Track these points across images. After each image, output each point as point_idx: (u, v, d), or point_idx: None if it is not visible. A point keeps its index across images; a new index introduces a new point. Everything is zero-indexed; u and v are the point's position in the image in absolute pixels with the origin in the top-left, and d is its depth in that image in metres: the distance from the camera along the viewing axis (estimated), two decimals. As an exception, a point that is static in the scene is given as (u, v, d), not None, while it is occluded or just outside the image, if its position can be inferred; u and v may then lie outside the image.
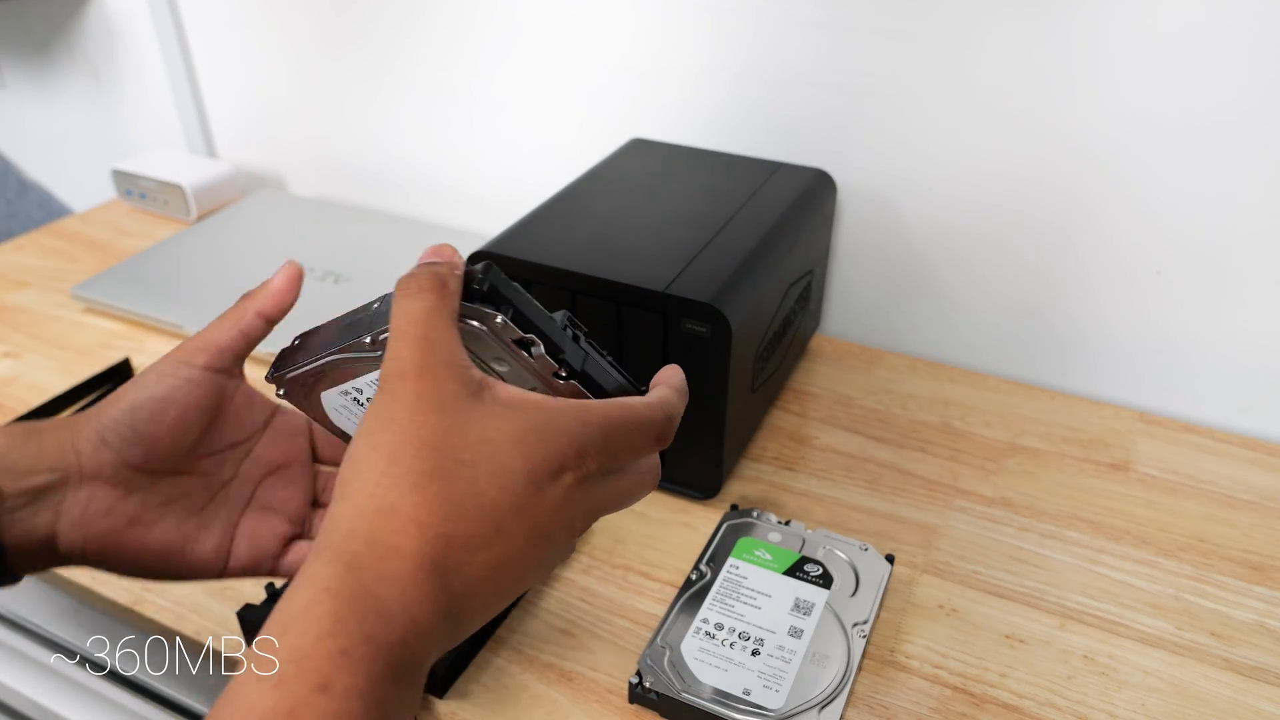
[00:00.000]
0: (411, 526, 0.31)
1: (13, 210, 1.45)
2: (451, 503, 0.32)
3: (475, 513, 0.32)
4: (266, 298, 0.47)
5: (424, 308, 0.36)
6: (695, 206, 0.70)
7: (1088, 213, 0.76)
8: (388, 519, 0.32)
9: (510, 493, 0.33)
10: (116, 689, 0.71)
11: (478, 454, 0.33)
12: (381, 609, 0.30)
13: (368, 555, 0.31)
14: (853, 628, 0.55)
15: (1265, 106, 0.67)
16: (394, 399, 0.34)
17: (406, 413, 0.33)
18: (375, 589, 0.30)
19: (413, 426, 0.33)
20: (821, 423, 0.76)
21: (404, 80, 1.00)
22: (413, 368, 0.34)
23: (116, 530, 0.43)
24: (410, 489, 0.32)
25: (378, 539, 0.31)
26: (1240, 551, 0.64)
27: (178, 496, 0.45)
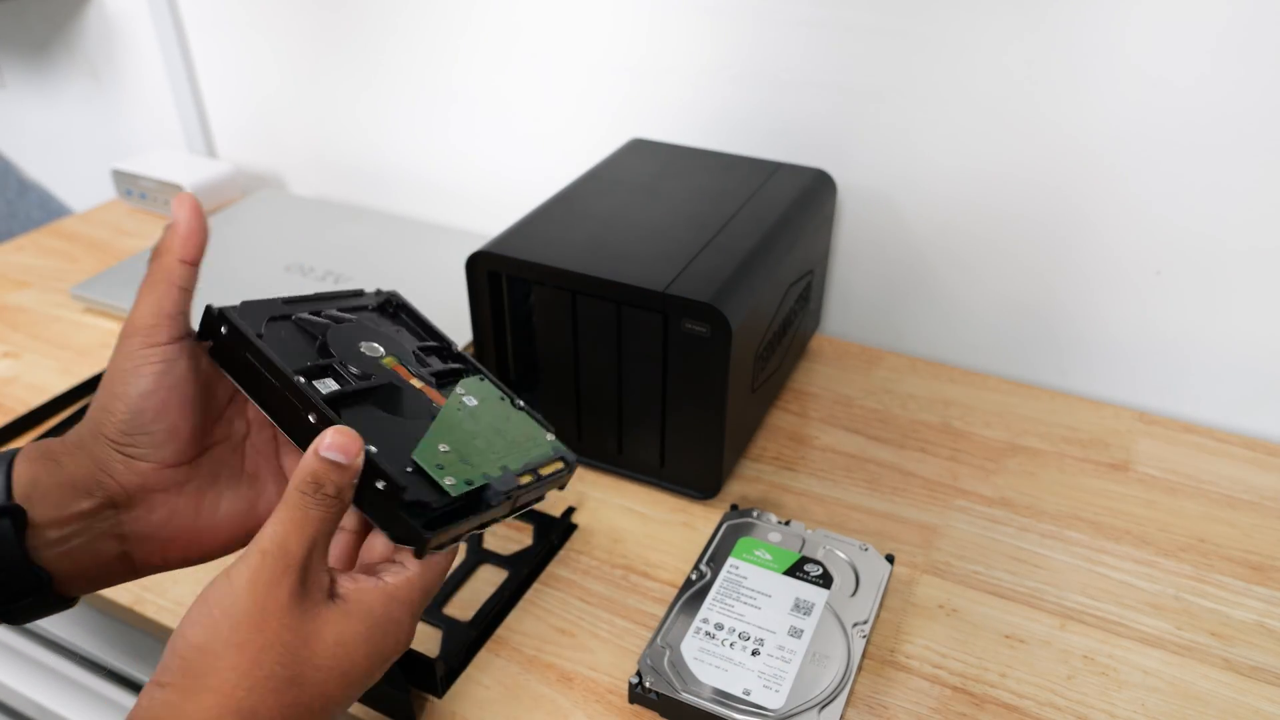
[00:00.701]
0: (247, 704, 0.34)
1: (13, 210, 1.45)
2: (301, 706, 0.36)
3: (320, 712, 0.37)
4: (182, 242, 0.44)
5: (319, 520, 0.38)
6: (695, 206, 0.70)
7: (1088, 213, 0.76)
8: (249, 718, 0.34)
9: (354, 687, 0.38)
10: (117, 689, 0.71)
11: (333, 659, 0.37)
12: None
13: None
14: (853, 628, 0.55)
15: (1264, 106, 0.67)
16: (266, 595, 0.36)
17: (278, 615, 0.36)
18: None
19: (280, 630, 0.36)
20: (821, 423, 0.76)
21: (404, 80, 1.00)
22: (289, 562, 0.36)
23: (187, 528, 0.43)
24: (271, 695, 0.35)
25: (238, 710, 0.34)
26: (1240, 551, 0.64)
27: (219, 470, 0.45)
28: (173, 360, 0.42)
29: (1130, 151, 0.72)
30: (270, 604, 0.36)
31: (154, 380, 0.41)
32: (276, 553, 0.36)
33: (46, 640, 0.74)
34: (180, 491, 0.43)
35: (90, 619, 0.70)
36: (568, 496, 0.68)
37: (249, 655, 0.35)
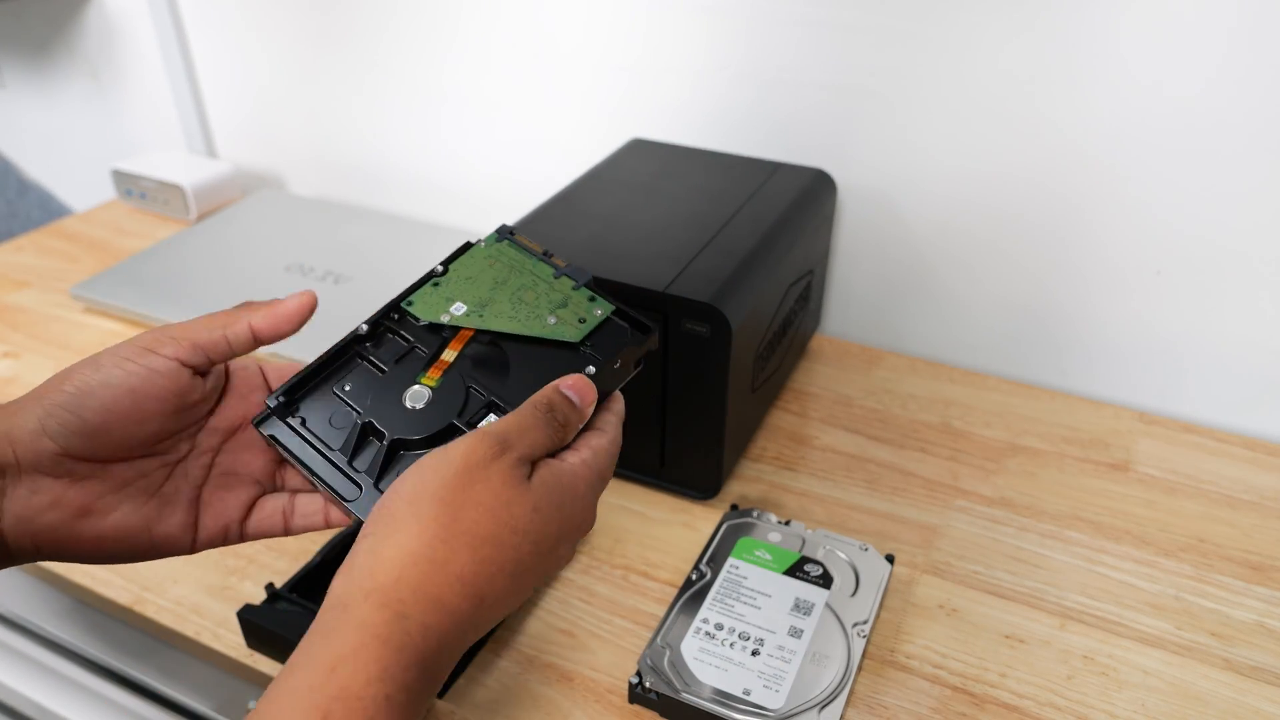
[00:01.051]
0: (457, 584, 0.34)
1: (13, 210, 1.45)
2: (495, 566, 0.35)
3: (511, 576, 0.36)
4: (267, 318, 0.43)
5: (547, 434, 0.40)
6: (695, 206, 0.70)
7: (1088, 213, 0.76)
8: (438, 572, 0.34)
9: (544, 557, 0.37)
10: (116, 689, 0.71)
11: (530, 524, 0.36)
12: (423, 662, 0.33)
13: (414, 605, 0.33)
14: (853, 628, 0.55)
15: (1264, 106, 0.67)
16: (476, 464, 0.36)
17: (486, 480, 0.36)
18: (420, 643, 0.33)
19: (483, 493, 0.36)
20: (821, 423, 0.75)
21: (404, 80, 1.00)
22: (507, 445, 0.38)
23: (66, 523, 0.40)
24: (465, 549, 0.35)
25: (424, 590, 0.33)
26: (1240, 551, 0.64)
27: (133, 479, 0.42)
28: (160, 374, 0.41)
29: (1130, 152, 0.72)
30: (478, 472, 0.36)
31: (124, 378, 0.40)
32: (496, 438, 0.37)
33: (46, 640, 0.74)
34: (73, 485, 0.40)
35: (90, 619, 0.70)
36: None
37: (450, 510, 0.35)
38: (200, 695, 0.68)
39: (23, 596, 0.75)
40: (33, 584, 0.72)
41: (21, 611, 0.76)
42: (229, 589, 0.60)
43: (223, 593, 0.60)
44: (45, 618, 0.74)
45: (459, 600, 0.34)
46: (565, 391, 0.41)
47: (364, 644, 0.32)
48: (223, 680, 0.64)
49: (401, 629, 0.33)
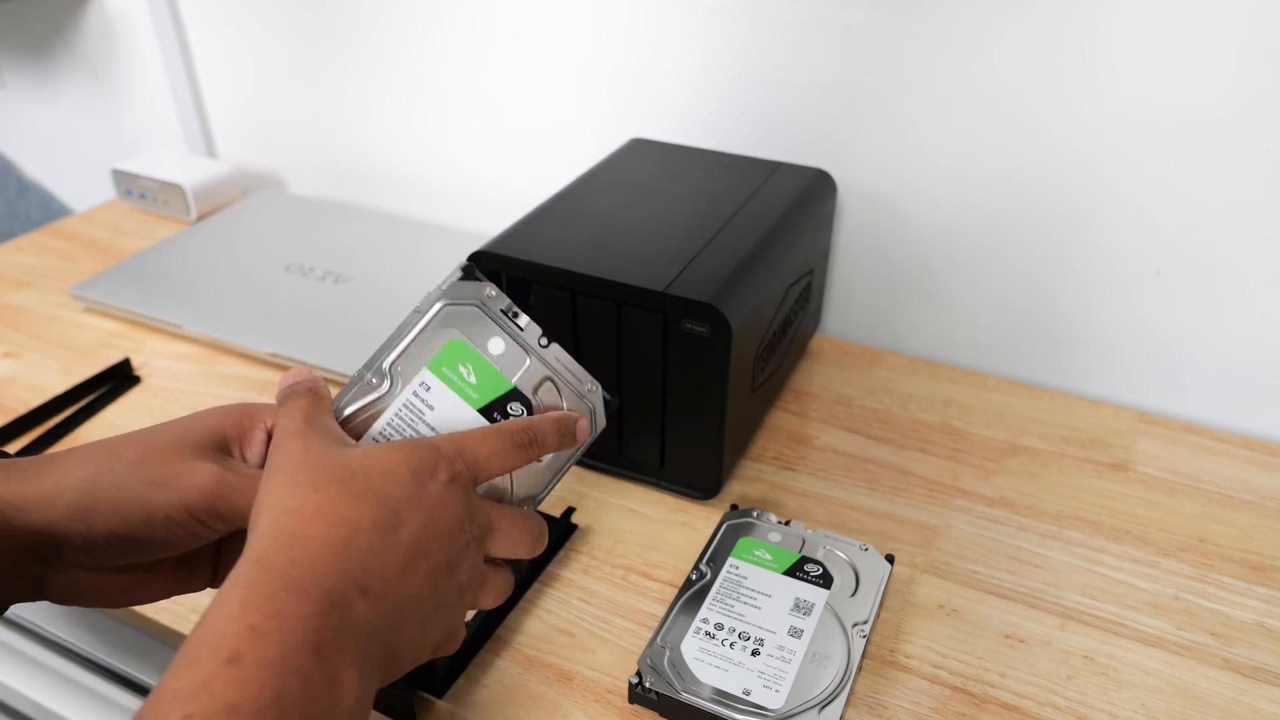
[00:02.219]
0: (317, 518, 0.35)
1: (13, 210, 1.45)
2: (351, 494, 0.36)
3: (373, 501, 0.36)
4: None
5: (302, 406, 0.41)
6: (695, 206, 0.70)
7: (1088, 213, 0.76)
8: (293, 517, 0.35)
9: (400, 485, 0.37)
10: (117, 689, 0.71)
11: (364, 463, 0.38)
12: (292, 585, 0.32)
13: (275, 546, 0.34)
14: (853, 628, 0.55)
15: (1263, 106, 0.67)
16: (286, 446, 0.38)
17: (299, 449, 0.38)
18: (285, 570, 0.33)
19: (304, 455, 0.38)
20: (821, 423, 0.75)
21: (404, 80, 1.00)
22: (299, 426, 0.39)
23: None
24: (310, 491, 0.36)
25: (285, 532, 0.34)
26: (1240, 551, 0.64)
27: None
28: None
29: (1131, 152, 0.72)
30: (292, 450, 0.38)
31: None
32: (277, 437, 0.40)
33: (46, 640, 0.74)
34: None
35: (90, 619, 0.70)
36: (567, 496, 0.68)
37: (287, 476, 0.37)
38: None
39: (23, 596, 0.75)
40: (33, 584, 0.72)
41: (22, 611, 0.76)
42: (229, 589, 0.60)
43: (223, 593, 0.60)
44: (45, 618, 0.74)
45: (323, 528, 0.34)
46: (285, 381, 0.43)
47: (228, 590, 0.33)
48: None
49: (263, 570, 0.33)
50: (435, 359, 0.46)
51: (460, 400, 0.46)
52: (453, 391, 0.46)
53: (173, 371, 0.82)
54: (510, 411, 0.46)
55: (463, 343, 0.46)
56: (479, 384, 0.46)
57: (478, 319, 0.46)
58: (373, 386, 0.45)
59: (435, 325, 0.46)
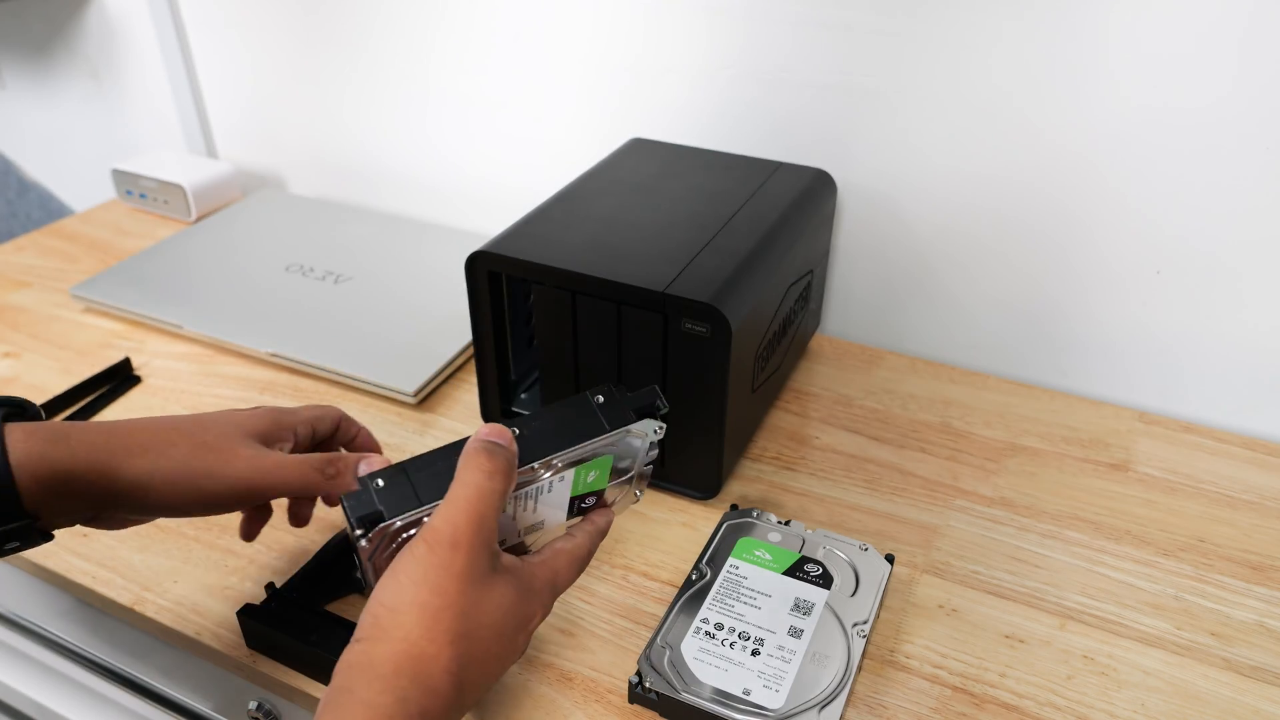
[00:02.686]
0: (446, 675, 0.40)
1: (13, 210, 1.45)
2: (470, 656, 0.41)
3: (481, 659, 0.42)
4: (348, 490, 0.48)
5: (492, 489, 0.43)
6: (695, 206, 0.70)
7: (1088, 213, 0.76)
8: (430, 664, 0.40)
9: (502, 639, 0.43)
10: (117, 689, 0.71)
11: (492, 619, 0.42)
12: None
13: (413, 691, 0.39)
14: (853, 628, 0.55)
15: (1263, 107, 0.67)
16: (444, 566, 0.41)
17: (454, 582, 0.41)
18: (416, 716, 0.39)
19: (455, 592, 0.41)
20: (821, 423, 0.76)
21: (404, 80, 1.00)
22: (465, 541, 0.42)
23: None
24: (448, 645, 0.41)
25: (421, 678, 0.40)
26: (1240, 551, 0.64)
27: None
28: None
29: (1130, 152, 0.72)
30: (448, 572, 0.41)
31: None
32: (446, 529, 0.42)
33: (47, 640, 0.74)
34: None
35: (90, 619, 0.70)
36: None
37: (430, 613, 0.40)
38: (200, 695, 0.68)
39: (23, 596, 0.75)
40: (33, 584, 0.72)
41: (21, 611, 0.76)
42: (229, 589, 0.60)
43: (223, 592, 0.60)
44: (45, 618, 0.74)
45: (447, 687, 0.40)
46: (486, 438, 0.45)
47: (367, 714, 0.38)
48: (223, 680, 0.64)
49: (402, 710, 0.39)
50: (585, 465, 0.49)
51: (568, 490, 0.50)
52: (570, 485, 0.50)
53: (173, 371, 0.82)
54: (585, 502, 0.51)
55: (610, 460, 0.50)
56: (592, 482, 0.51)
57: (635, 447, 0.51)
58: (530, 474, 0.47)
59: (611, 444, 0.49)
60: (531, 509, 0.49)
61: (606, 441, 0.49)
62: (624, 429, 0.49)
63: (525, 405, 0.73)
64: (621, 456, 0.50)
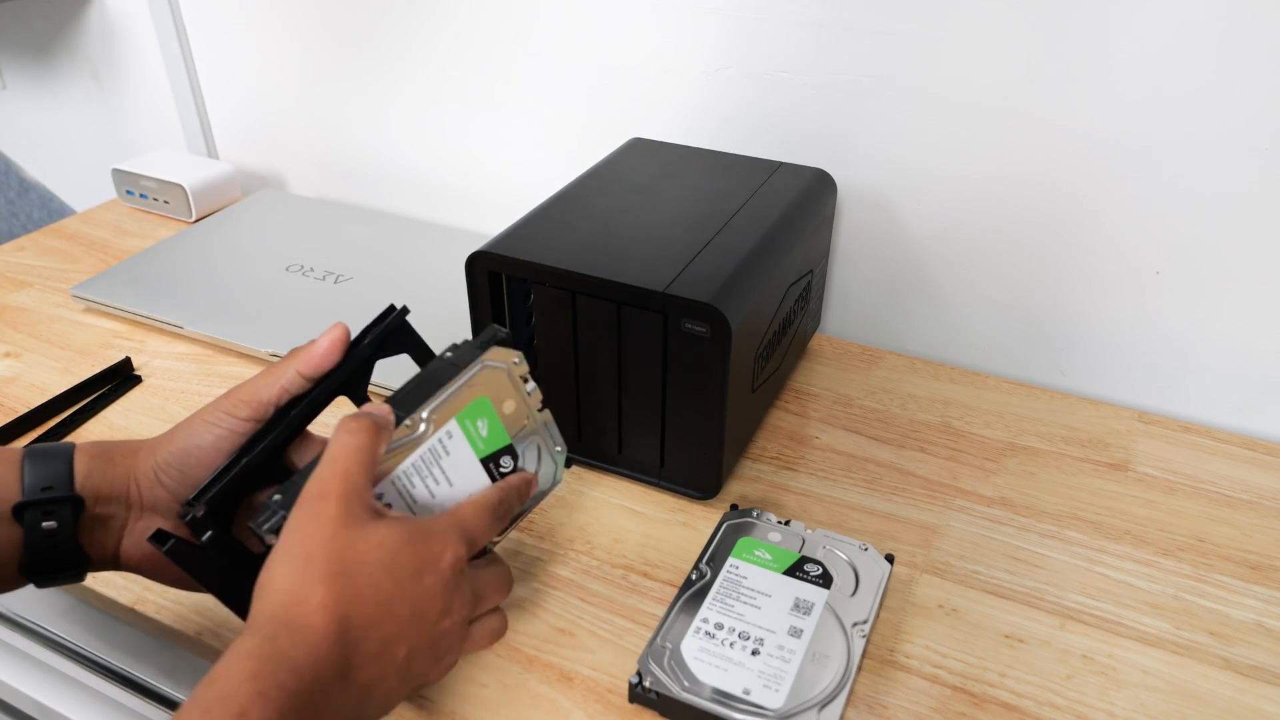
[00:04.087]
0: (320, 610, 0.40)
1: (13, 210, 1.45)
2: (351, 590, 0.41)
3: (370, 598, 0.41)
4: (309, 360, 0.50)
5: (356, 444, 0.44)
6: (695, 206, 0.70)
7: (1087, 213, 0.76)
8: (301, 606, 0.40)
9: (398, 579, 0.42)
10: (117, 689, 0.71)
11: (376, 555, 0.42)
12: (293, 665, 0.39)
13: (283, 630, 0.40)
14: (853, 627, 0.55)
15: (1262, 106, 0.67)
16: (313, 516, 0.42)
17: (320, 526, 0.42)
18: (289, 651, 0.39)
19: (324, 537, 0.42)
20: (821, 423, 0.76)
21: (404, 80, 1.00)
22: (332, 490, 0.43)
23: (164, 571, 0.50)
24: (319, 583, 0.41)
25: (293, 620, 0.40)
26: (1240, 551, 0.64)
27: None
28: (239, 434, 0.49)
29: (1130, 151, 0.72)
30: (315, 520, 0.42)
31: (213, 441, 0.49)
32: (315, 486, 0.43)
33: (47, 640, 0.74)
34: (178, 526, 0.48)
35: (90, 619, 0.70)
36: (567, 495, 0.68)
37: (299, 560, 0.41)
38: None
39: (23, 596, 0.75)
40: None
41: (21, 611, 0.76)
42: (229, 589, 0.60)
43: (223, 592, 0.60)
44: (45, 618, 0.74)
45: (321, 622, 0.40)
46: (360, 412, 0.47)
47: (238, 659, 0.38)
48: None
49: (271, 646, 0.39)
50: (463, 413, 0.50)
51: (470, 450, 0.51)
52: (467, 441, 0.51)
53: (173, 371, 0.82)
54: (501, 464, 0.52)
55: (487, 401, 0.51)
56: (488, 437, 0.51)
57: (503, 382, 0.52)
58: (408, 430, 0.48)
59: (473, 383, 0.51)
60: (442, 478, 0.50)
61: (465, 380, 0.50)
62: (476, 363, 0.50)
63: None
64: (500, 397, 0.51)
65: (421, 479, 0.49)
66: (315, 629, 0.40)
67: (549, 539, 0.65)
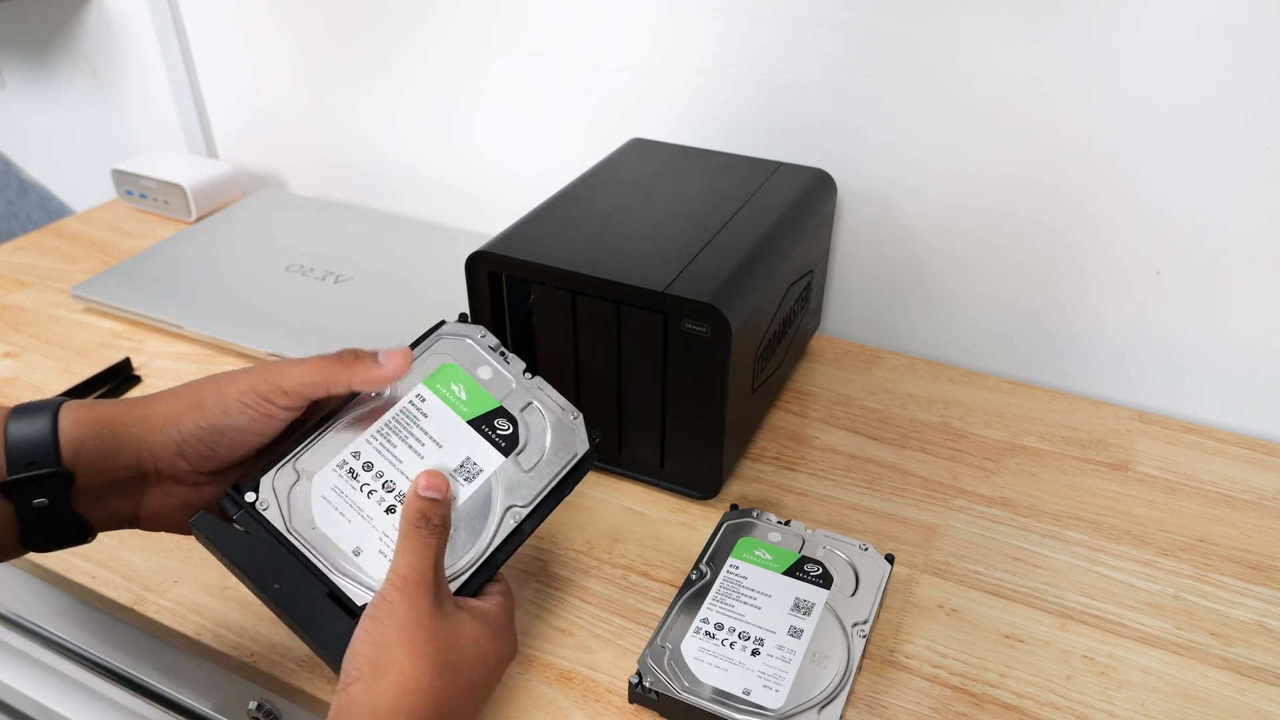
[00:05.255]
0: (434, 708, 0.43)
1: (13, 210, 1.45)
2: (456, 686, 0.44)
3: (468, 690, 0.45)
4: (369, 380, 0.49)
5: (436, 546, 0.46)
6: (695, 206, 0.70)
7: (1087, 213, 0.76)
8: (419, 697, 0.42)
9: (486, 673, 0.46)
10: (117, 689, 0.71)
11: (474, 651, 0.46)
12: None
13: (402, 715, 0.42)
14: (853, 628, 0.55)
15: (1263, 106, 0.67)
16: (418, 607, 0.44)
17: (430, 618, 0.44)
18: None
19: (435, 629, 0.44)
20: (821, 423, 0.76)
21: (404, 80, 1.00)
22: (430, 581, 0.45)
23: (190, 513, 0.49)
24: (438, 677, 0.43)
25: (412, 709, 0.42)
26: (1240, 551, 0.64)
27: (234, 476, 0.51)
28: (273, 419, 0.49)
29: (1130, 152, 0.72)
30: (422, 610, 0.44)
31: (248, 423, 0.48)
32: (413, 575, 0.45)
33: (47, 640, 0.74)
34: (198, 490, 0.49)
35: (90, 619, 0.70)
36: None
37: (417, 647, 0.43)
38: (200, 695, 0.68)
39: (23, 596, 0.75)
40: (33, 584, 0.72)
41: (21, 611, 0.76)
42: (229, 589, 0.60)
43: (223, 593, 0.60)
44: (45, 618, 0.74)
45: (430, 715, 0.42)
46: (425, 495, 0.47)
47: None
48: (223, 680, 0.64)
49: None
50: (430, 377, 0.52)
51: (453, 413, 0.52)
52: (446, 405, 0.52)
53: (173, 371, 0.82)
54: (498, 426, 0.52)
55: (455, 366, 0.53)
56: (469, 400, 0.52)
57: (470, 350, 0.54)
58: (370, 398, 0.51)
59: (433, 351, 0.53)
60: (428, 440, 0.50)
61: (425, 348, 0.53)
62: (434, 334, 0.54)
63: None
64: (473, 364, 0.53)
65: (401, 439, 0.50)
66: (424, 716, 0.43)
67: (549, 539, 0.64)
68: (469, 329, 0.54)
